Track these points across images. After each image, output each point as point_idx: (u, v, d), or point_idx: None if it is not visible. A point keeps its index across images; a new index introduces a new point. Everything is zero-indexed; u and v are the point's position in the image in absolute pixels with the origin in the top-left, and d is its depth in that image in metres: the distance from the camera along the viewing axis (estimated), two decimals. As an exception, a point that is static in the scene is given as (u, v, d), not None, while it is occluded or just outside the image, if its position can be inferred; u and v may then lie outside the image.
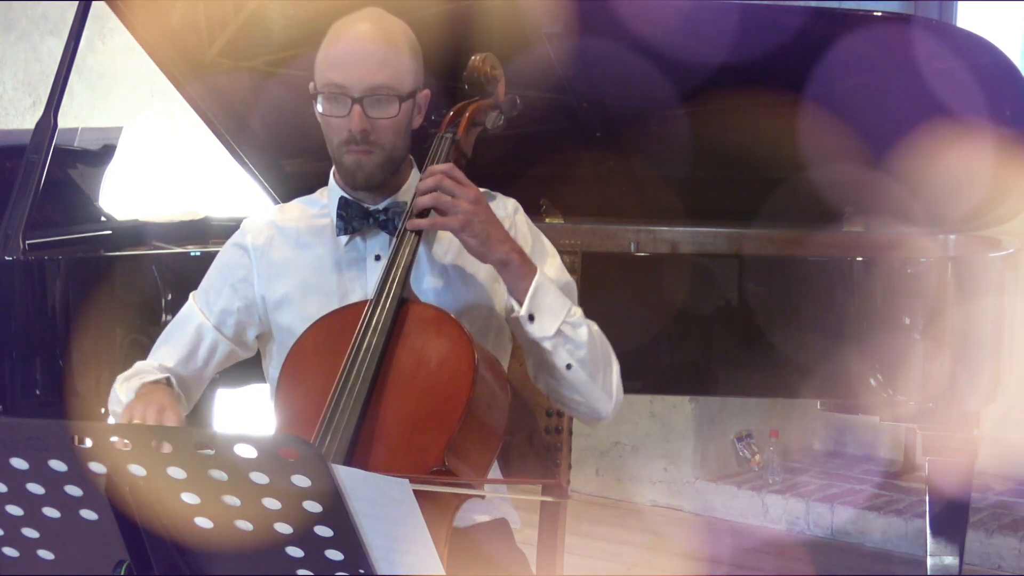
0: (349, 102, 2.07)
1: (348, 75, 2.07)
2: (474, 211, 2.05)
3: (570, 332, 2.08)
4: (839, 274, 3.17)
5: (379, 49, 2.08)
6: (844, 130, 3.29)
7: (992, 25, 4.71)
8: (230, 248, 2.28)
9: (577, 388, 2.11)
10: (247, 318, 2.24)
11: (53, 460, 1.51)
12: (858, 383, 3.14)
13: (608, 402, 2.15)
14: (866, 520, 4.45)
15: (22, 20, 5.72)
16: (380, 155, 2.10)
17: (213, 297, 2.25)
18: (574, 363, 2.09)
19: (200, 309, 2.25)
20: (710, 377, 3.30)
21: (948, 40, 3.14)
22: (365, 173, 2.11)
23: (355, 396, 1.95)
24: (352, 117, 2.07)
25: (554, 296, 2.09)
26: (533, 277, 2.07)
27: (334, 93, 2.08)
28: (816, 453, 5.09)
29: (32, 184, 3.17)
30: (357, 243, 2.19)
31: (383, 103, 2.07)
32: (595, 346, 2.11)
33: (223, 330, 2.24)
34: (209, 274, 2.29)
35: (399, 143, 2.12)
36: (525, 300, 2.06)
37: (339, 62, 2.08)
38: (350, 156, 2.10)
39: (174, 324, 2.29)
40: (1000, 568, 4.20)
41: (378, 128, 2.08)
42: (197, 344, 2.25)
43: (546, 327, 2.07)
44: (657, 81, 3.33)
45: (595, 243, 3.77)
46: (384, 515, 1.47)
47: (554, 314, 2.07)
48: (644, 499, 4.92)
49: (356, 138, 2.08)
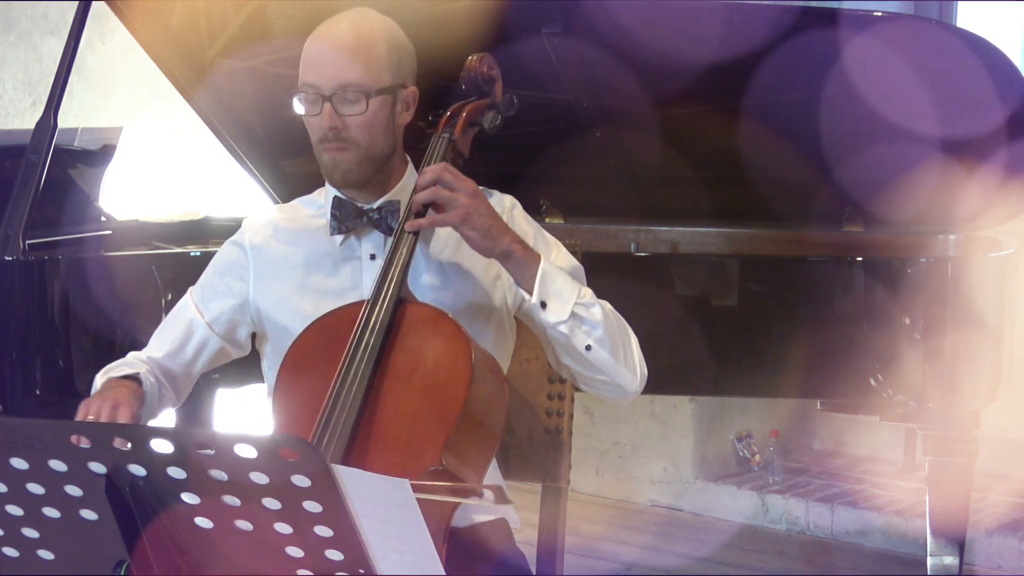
0: (321, 101, 2.09)
1: (319, 74, 2.10)
2: (473, 204, 2.05)
3: (584, 313, 2.08)
4: (839, 274, 3.17)
5: (349, 47, 2.10)
6: (844, 130, 3.29)
7: (992, 25, 4.71)
8: (228, 246, 2.30)
9: (600, 368, 2.11)
10: (240, 316, 2.25)
11: (53, 460, 1.51)
12: (858, 383, 3.14)
13: (633, 378, 2.14)
14: (866, 520, 4.45)
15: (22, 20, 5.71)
16: (356, 152, 2.11)
17: (208, 293, 2.26)
18: (593, 343, 2.09)
19: (195, 304, 2.26)
20: (710, 377, 3.30)
21: (948, 40, 3.14)
22: (342, 170, 2.12)
23: (352, 396, 1.95)
24: (323, 115, 2.09)
25: (562, 280, 2.09)
26: (538, 265, 2.08)
27: (308, 93, 2.11)
28: (816, 453, 5.09)
29: (32, 184, 3.17)
30: (352, 242, 2.20)
31: (353, 101, 2.09)
32: (611, 324, 2.11)
33: (215, 327, 2.25)
34: (207, 270, 2.30)
35: (377, 140, 2.12)
36: (534, 288, 2.07)
37: (312, 62, 2.12)
38: (327, 154, 2.13)
39: (169, 316, 2.30)
40: (1000, 568, 4.20)
41: (349, 125, 2.10)
42: (187, 338, 2.25)
43: (560, 311, 2.07)
44: (657, 81, 3.33)
45: (595, 243, 3.77)
46: (384, 515, 1.47)
47: (565, 298, 2.07)
48: (644, 499, 4.92)
49: (329, 136, 2.10)
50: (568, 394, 2.39)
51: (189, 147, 4.87)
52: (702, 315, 3.25)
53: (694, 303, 3.26)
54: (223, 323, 2.25)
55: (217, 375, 3.21)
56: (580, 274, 2.21)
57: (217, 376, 3.21)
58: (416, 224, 2.07)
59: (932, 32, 3.21)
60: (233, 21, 3.44)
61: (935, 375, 3.10)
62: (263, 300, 2.23)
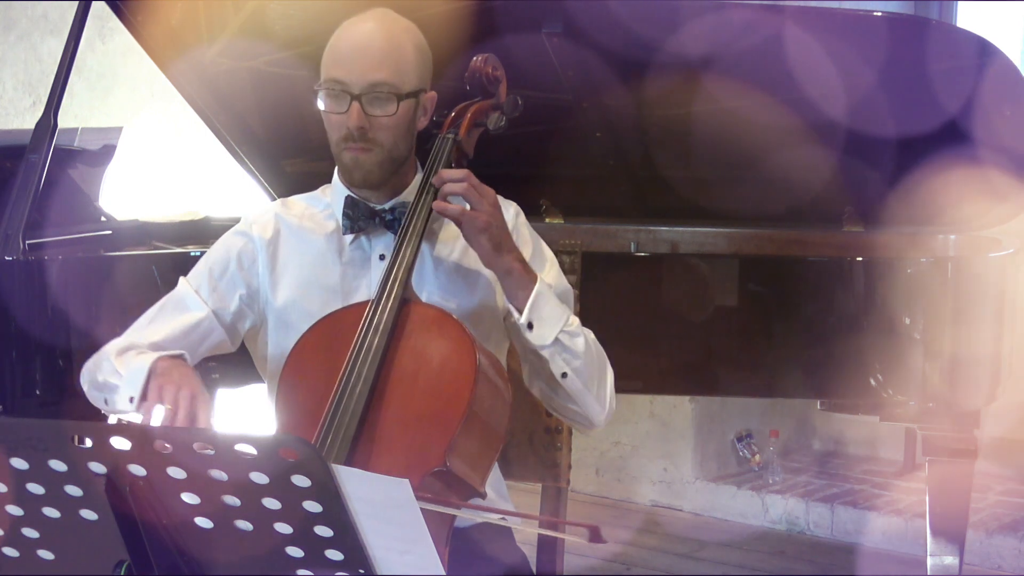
0: (348, 98, 2.07)
1: (349, 71, 2.07)
2: (496, 215, 2.06)
3: (568, 341, 2.08)
4: (839, 274, 3.17)
5: (381, 47, 2.08)
6: (844, 130, 3.29)
7: (992, 25, 4.71)
8: (234, 236, 2.24)
9: (572, 396, 2.11)
10: (247, 307, 2.20)
11: (53, 460, 1.51)
12: (858, 383, 3.14)
13: (601, 411, 2.15)
14: (866, 520, 4.45)
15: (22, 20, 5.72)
16: (379, 153, 2.10)
17: (214, 282, 2.19)
18: (570, 372, 2.09)
19: (196, 292, 2.19)
20: (710, 377, 3.30)
21: (948, 40, 3.14)
22: (363, 171, 2.11)
23: (356, 396, 1.95)
24: (351, 114, 2.07)
25: (553, 305, 2.09)
26: (534, 286, 2.07)
27: (335, 89, 2.08)
28: (816, 453, 5.09)
29: (32, 184, 3.17)
30: (362, 242, 2.19)
31: (382, 101, 2.07)
32: (591, 356, 2.11)
33: (221, 317, 2.19)
34: (206, 261, 2.23)
35: (400, 143, 2.12)
36: (525, 309, 2.06)
37: (341, 58, 2.09)
38: (348, 153, 2.11)
39: (163, 306, 2.21)
40: (1000, 568, 4.20)
41: (376, 126, 2.08)
42: (192, 327, 2.17)
43: (545, 335, 2.07)
44: (657, 81, 3.33)
45: (595, 243, 3.77)
46: (384, 515, 1.47)
47: (552, 323, 2.07)
48: (644, 499, 4.92)
49: (354, 135, 2.08)
50: (568, 394, 2.38)
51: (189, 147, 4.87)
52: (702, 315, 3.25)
53: (694, 303, 3.26)
54: (230, 313, 2.19)
55: (217, 375, 3.20)
56: (569, 297, 2.20)
57: (217, 376, 3.21)
58: (443, 207, 2.05)
59: (932, 32, 3.21)
60: (233, 21, 3.44)
61: (935, 375, 3.10)
62: (270, 294, 2.20)
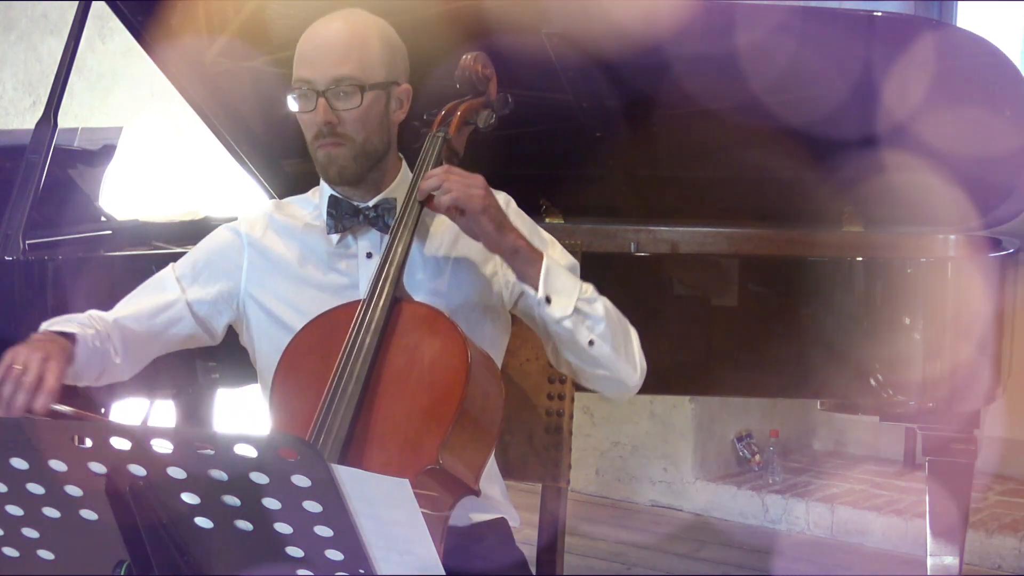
0: (315, 96, 2.09)
1: (313, 69, 2.10)
2: (490, 197, 2.07)
3: (587, 308, 2.09)
4: (839, 274, 3.17)
5: (344, 42, 2.10)
6: (844, 130, 3.29)
7: (992, 25, 4.71)
8: (223, 231, 2.27)
9: (602, 363, 2.12)
10: (224, 305, 2.23)
11: (53, 460, 1.51)
12: (858, 383, 3.14)
13: (633, 372, 2.16)
14: (866, 520, 4.45)
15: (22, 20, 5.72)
16: (351, 148, 2.11)
17: (195, 274, 2.23)
18: (595, 338, 2.09)
19: (177, 279, 2.23)
20: (710, 377, 3.30)
21: (948, 40, 3.14)
22: (337, 166, 2.12)
23: (349, 395, 1.96)
24: (317, 110, 2.09)
25: (565, 276, 2.11)
26: (542, 261, 2.09)
27: (302, 89, 2.11)
28: (816, 453, 5.09)
29: (32, 184, 3.17)
30: (348, 240, 2.20)
31: (347, 94, 2.09)
32: (612, 318, 2.13)
33: (195, 308, 2.22)
34: (195, 252, 2.27)
35: (372, 136, 2.13)
36: (539, 284, 2.07)
37: (305, 58, 2.12)
38: (321, 150, 2.13)
39: (145, 286, 2.25)
40: (1000, 568, 4.20)
41: (345, 120, 2.10)
42: (161, 310, 2.21)
43: (564, 306, 2.08)
44: (657, 81, 3.33)
45: (595, 243, 3.77)
46: (384, 515, 1.47)
47: (568, 293, 2.09)
48: (644, 499, 4.92)
49: (324, 131, 2.10)
50: (568, 394, 2.39)
51: (189, 147, 4.87)
52: (702, 315, 3.25)
53: (694, 303, 3.26)
54: (205, 306, 2.22)
55: (217, 375, 3.21)
56: (576, 270, 2.22)
57: (217, 376, 3.21)
58: (437, 202, 2.05)
59: (932, 32, 3.21)
60: (233, 21, 3.44)
61: (935, 375, 3.10)
62: (258, 292, 2.21)
